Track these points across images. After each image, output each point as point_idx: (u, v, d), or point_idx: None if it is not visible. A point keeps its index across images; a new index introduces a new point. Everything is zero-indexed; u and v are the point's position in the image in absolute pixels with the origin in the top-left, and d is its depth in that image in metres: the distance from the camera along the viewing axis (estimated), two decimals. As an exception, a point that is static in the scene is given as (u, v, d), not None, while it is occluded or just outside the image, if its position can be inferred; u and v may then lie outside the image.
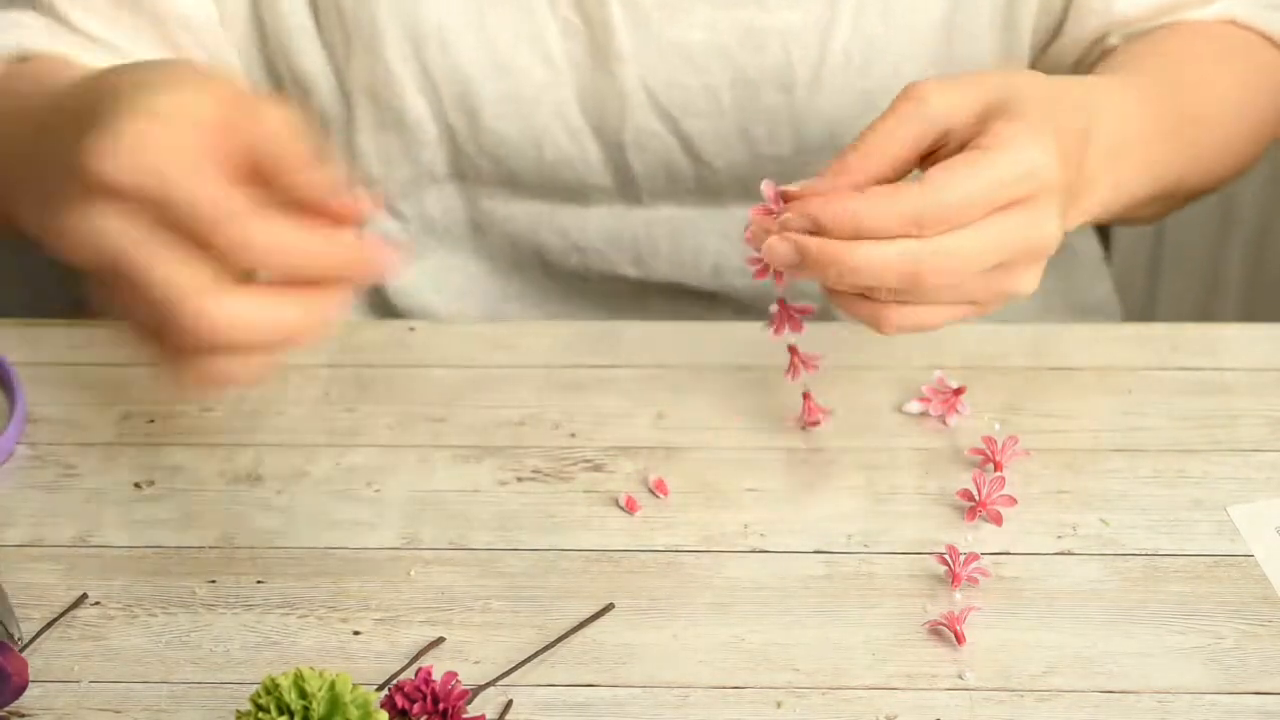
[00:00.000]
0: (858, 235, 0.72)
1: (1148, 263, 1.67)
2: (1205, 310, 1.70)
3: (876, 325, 0.76)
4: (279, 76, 0.99)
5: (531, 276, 1.04)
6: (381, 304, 1.05)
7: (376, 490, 0.82)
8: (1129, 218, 0.95)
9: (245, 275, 0.65)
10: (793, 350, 0.83)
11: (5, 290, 0.97)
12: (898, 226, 0.72)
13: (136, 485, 0.83)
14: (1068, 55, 0.99)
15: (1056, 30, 0.99)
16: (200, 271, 0.63)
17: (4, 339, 0.91)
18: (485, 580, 0.77)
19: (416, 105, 0.97)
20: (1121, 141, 0.82)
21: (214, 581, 0.77)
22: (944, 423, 0.85)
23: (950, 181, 0.73)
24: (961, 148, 0.75)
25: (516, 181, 0.99)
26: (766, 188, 0.76)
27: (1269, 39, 0.99)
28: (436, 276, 1.04)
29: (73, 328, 0.92)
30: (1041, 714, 0.71)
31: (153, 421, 0.86)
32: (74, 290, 1.16)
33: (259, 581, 0.77)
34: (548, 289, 1.04)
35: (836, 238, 0.73)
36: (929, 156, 0.77)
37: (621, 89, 0.96)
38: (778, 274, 0.77)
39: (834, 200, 0.73)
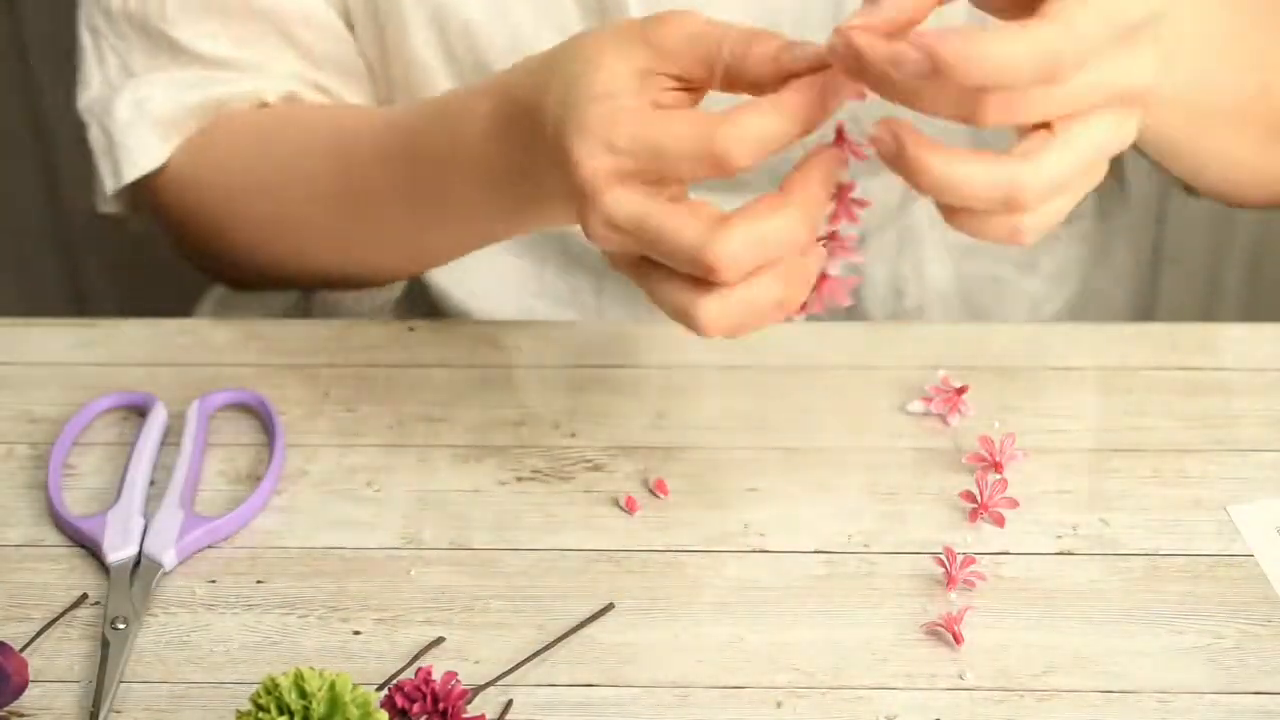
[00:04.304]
0: (986, 81, 0.64)
1: (1148, 263, 1.67)
2: (1205, 310, 1.70)
3: (1012, 235, 0.69)
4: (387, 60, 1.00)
5: (560, 269, 1.04)
6: (423, 298, 1.05)
7: (376, 490, 0.82)
8: (1210, 141, 0.88)
9: None
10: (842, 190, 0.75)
11: (5, 290, 0.97)
12: (1033, 71, 0.64)
13: (136, 485, 0.83)
14: None
15: None
16: (698, 216, 0.68)
17: (4, 339, 0.91)
18: (485, 580, 0.77)
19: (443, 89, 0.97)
20: (1201, 30, 0.77)
21: (214, 581, 0.77)
22: (945, 422, 0.85)
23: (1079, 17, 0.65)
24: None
25: None
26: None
27: None
28: (469, 273, 1.03)
29: (73, 328, 0.92)
30: (1041, 714, 0.71)
31: (153, 421, 0.86)
32: (74, 290, 1.16)
33: (259, 581, 0.77)
34: (575, 283, 1.04)
35: (901, 94, 0.66)
36: None
37: None
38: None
39: (957, 38, 0.64)
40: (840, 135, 0.73)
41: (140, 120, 0.95)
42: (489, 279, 1.04)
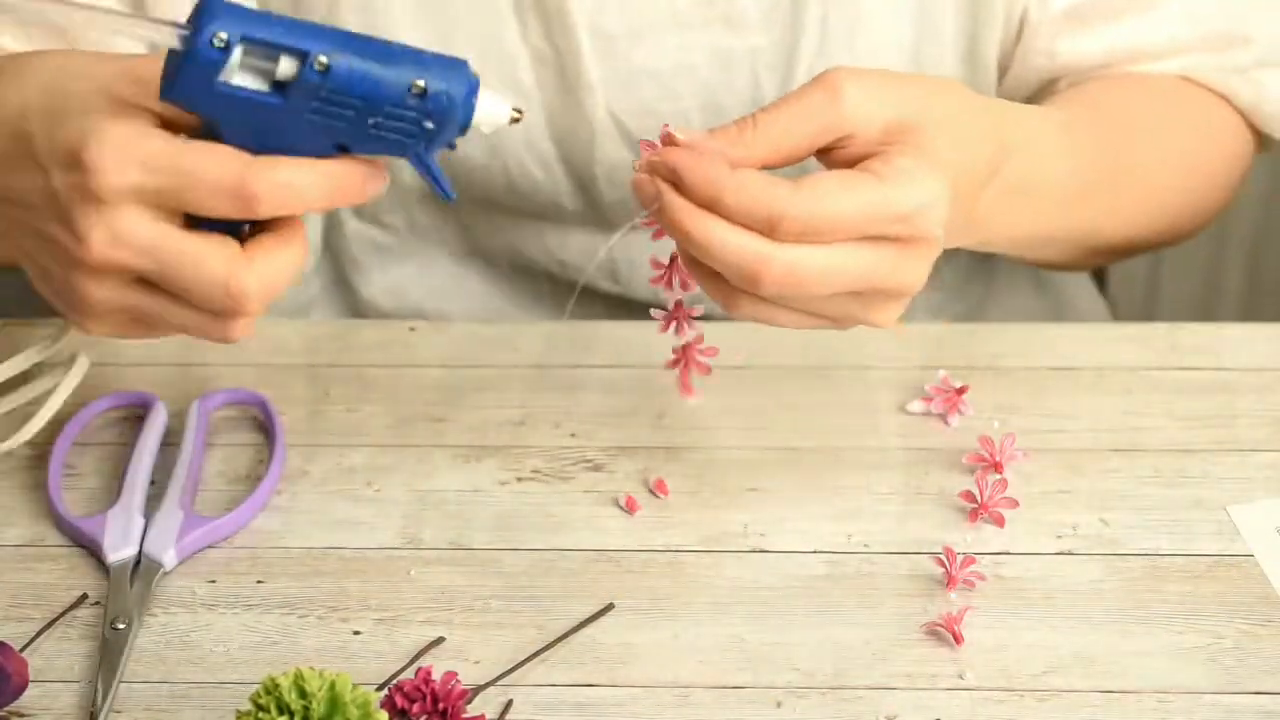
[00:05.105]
0: (713, 208, 0.70)
1: (1148, 263, 1.67)
2: (1205, 310, 1.70)
3: (724, 305, 0.73)
4: None
5: (521, 283, 1.04)
6: (359, 304, 1.05)
7: (376, 490, 0.82)
8: (1026, 257, 0.94)
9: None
10: (682, 350, 0.85)
11: (5, 290, 0.97)
12: (752, 217, 0.69)
13: (136, 485, 0.83)
14: (1018, 95, 0.98)
15: (1006, 69, 0.98)
16: (221, 246, 0.67)
17: (4, 339, 0.91)
18: (485, 580, 0.77)
19: None
20: (1030, 180, 0.80)
21: (214, 581, 0.77)
22: (945, 422, 0.85)
23: (825, 195, 0.70)
24: (860, 157, 0.72)
25: (492, 203, 0.99)
26: (664, 129, 0.72)
27: (1223, 98, 0.96)
28: (423, 277, 1.04)
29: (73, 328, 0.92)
30: (1041, 714, 0.71)
31: (153, 421, 0.86)
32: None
33: (259, 581, 0.77)
34: (538, 295, 1.04)
35: (694, 202, 0.70)
36: (825, 151, 0.73)
37: (590, 119, 0.95)
38: (680, 283, 0.78)
39: (702, 162, 0.70)
40: (673, 262, 0.79)
41: None
42: (449, 290, 1.04)
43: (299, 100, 0.66)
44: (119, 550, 0.77)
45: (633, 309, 1.03)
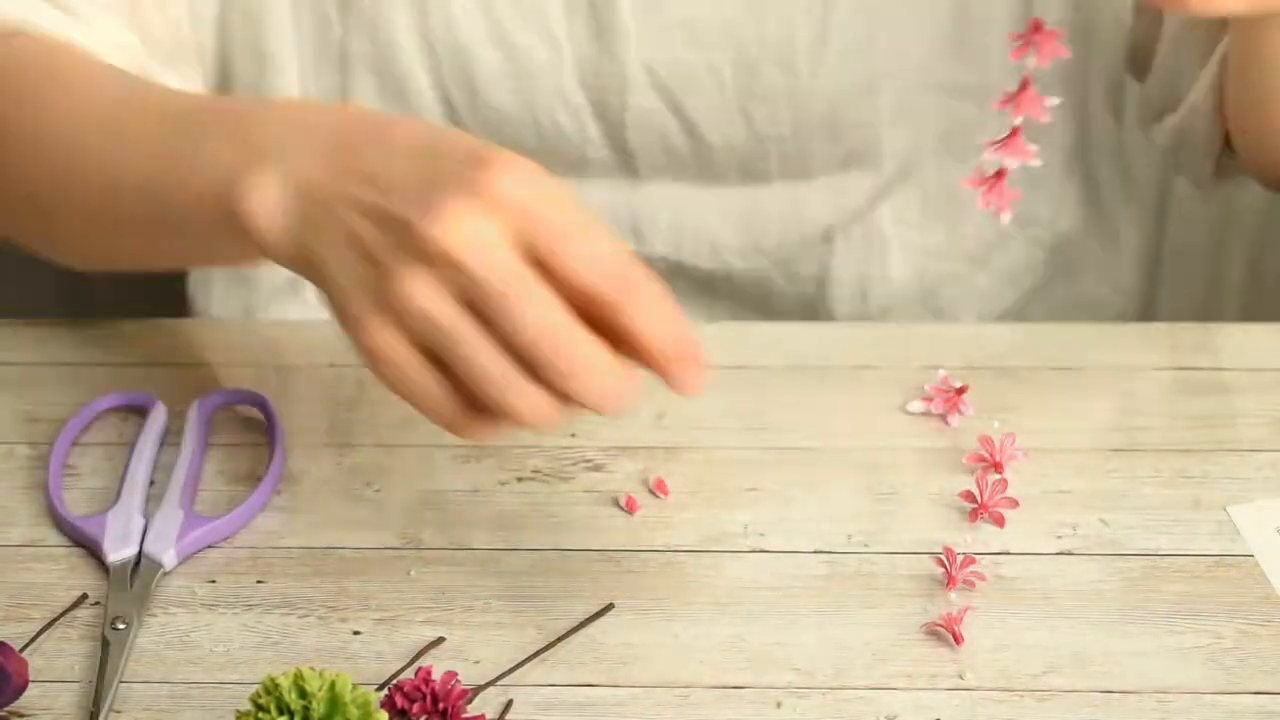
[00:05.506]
0: None
1: (1148, 263, 1.67)
2: (1205, 310, 1.70)
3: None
4: (229, 54, 1.00)
5: None
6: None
7: (377, 490, 0.82)
8: None
9: None
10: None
11: (5, 290, 0.97)
12: None
13: (136, 485, 0.83)
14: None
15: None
16: (504, 360, 0.66)
17: (4, 339, 0.91)
18: (485, 580, 0.77)
19: (417, 76, 0.98)
20: None
21: (214, 582, 0.77)
22: (945, 422, 0.85)
23: None
24: None
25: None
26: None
27: None
28: None
29: (73, 328, 0.92)
30: (1041, 714, 0.71)
31: (153, 421, 0.86)
32: (74, 290, 1.16)
33: (259, 581, 0.77)
34: None
35: None
36: None
37: (622, 67, 0.96)
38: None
39: None
40: (1025, 85, 0.69)
41: None
42: None
43: None
44: (119, 550, 0.77)
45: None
